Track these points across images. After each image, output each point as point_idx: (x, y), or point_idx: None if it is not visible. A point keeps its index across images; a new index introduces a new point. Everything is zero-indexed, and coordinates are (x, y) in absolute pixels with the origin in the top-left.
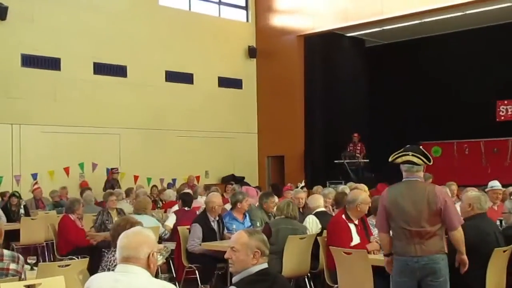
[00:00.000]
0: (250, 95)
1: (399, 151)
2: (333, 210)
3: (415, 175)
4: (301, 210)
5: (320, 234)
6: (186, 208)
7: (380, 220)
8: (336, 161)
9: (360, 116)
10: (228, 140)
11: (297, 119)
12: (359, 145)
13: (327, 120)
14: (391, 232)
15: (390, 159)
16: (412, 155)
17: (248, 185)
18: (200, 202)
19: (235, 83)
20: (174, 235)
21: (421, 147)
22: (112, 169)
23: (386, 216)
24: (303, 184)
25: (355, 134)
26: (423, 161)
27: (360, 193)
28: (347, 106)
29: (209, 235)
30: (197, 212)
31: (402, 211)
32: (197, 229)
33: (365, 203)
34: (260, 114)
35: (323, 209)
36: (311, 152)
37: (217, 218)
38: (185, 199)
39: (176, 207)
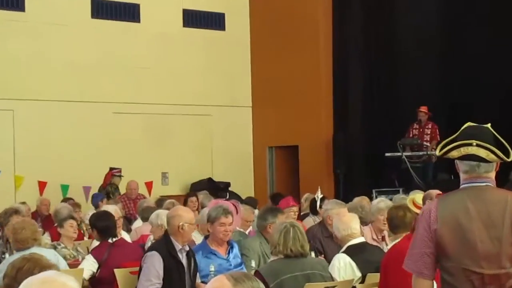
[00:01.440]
0: (239, 41)
1: (454, 137)
2: (382, 239)
3: (483, 178)
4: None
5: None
6: (110, 240)
7: (420, 255)
8: (388, 154)
9: (431, 84)
10: (201, 119)
11: (321, 85)
12: (430, 126)
13: (373, 89)
14: (443, 276)
15: (438, 152)
16: (478, 145)
17: (236, 197)
18: (143, 230)
19: (212, 21)
20: None
21: (491, 129)
22: (112, 169)
23: (435, 249)
24: (319, 193)
25: (422, 108)
26: (496, 155)
27: None
28: (409, 66)
29: (174, 273)
30: (146, 247)
31: (466, 241)
32: (156, 262)
33: None
34: (256, 76)
35: (360, 239)
36: (344, 140)
37: (186, 249)
38: (101, 225)
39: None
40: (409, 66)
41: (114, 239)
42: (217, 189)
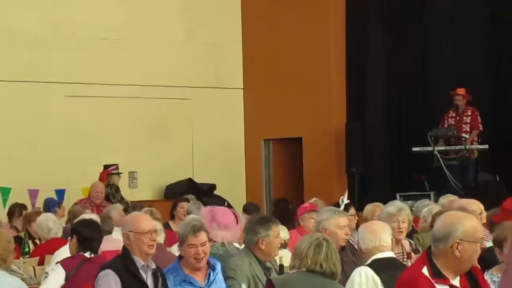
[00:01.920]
0: (227, 4)
1: None
2: (408, 257)
3: None
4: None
5: None
6: (88, 255)
7: None
8: (416, 149)
9: (472, 61)
10: (178, 105)
11: (331, 61)
12: (469, 113)
13: (400, 68)
14: None
15: None
16: None
17: (223, 202)
18: (117, 240)
19: None
20: None
21: None
22: (107, 167)
23: None
24: (346, 197)
25: (459, 90)
26: None
27: (465, 218)
28: (445, 38)
29: None
30: None
31: None
32: (111, 282)
33: (475, 241)
34: (248, 49)
35: (389, 253)
36: (360, 131)
37: (152, 266)
38: (86, 234)
39: (64, 252)
40: (445, 38)
41: (92, 255)
42: (199, 192)
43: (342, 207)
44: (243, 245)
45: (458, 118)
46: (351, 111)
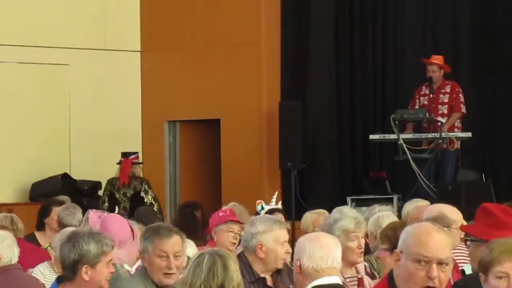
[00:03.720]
0: None
1: None
2: (359, 284)
3: None
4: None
5: None
6: None
7: None
8: (373, 137)
9: (455, 28)
10: (49, 72)
11: (261, 20)
12: (448, 89)
13: (353, 32)
14: None
15: None
16: None
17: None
18: None
19: None
20: None
21: None
22: (127, 155)
23: None
24: (275, 200)
25: (435, 59)
26: None
27: (423, 229)
28: None
29: None
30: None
31: None
32: None
33: (415, 259)
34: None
35: (336, 279)
36: (299, 113)
37: None
38: None
39: None
40: None
41: None
42: (78, 192)
43: (262, 213)
44: (135, 267)
45: (432, 96)
46: (287, 87)
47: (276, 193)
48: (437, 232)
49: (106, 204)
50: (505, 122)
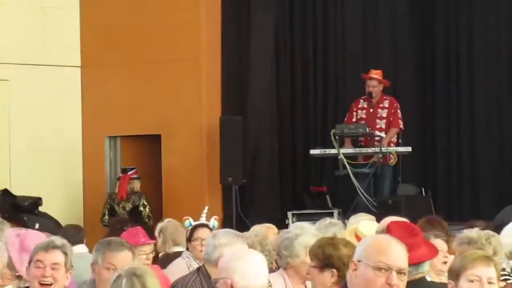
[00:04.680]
0: None
1: None
2: None
3: None
4: None
5: None
6: None
7: None
8: (314, 152)
9: (397, 39)
10: None
11: (201, 33)
12: (386, 104)
13: (294, 45)
14: None
15: None
16: None
17: (52, 222)
18: None
19: None
20: None
21: None
22: (126, 171)
23: None
24: (205, 214)
25: (373, 73)
26: None
27: (378, 238)
28: (358, 12)
29: None
30: None
31: None
32: None
33: (374, 266)
34: (87, 14)
35: None
36: (240, 127)
37: None
38: None
39: None
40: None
41: None
42: (18, 208)
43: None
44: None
45: (371, 110)
46: (228, 102)
47: (206, 208)
48: (395, 242)
49: (106, 217)
50: (445, 136)
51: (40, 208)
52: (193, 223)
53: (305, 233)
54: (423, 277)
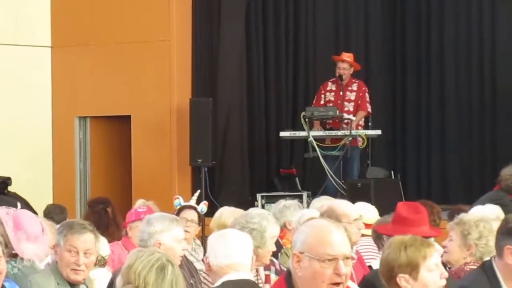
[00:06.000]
0: None
1: None
2: (266, 280)
3: None
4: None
5: None
6: None
7: None
8: (284, 134)
9: (366, 26)
10: None
11: (172, 18)
12: (354, 87)
13: (265, 28)
14: None
15: None
16: None
17: (23, 203)
18: None
19: None
20: None
21: None
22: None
23: None
24: (196, 197)
25: (345, 55)
26: None
27: (319, 226)
28: None
29: None
30: None
31: None
32: None
33: (318, 258)
34: None
35: (247, 274)
36: (210, 110)
37: None
38: None
39: None
40: None
41: None
42: None
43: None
44: (44, 263)
45: (341, 93)
46: (198, 84)
47: (198, 191)
48: (336, 228)
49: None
50: (414, 120)
51: (10, 188)
52: (183, 203)
53: (271, 224)
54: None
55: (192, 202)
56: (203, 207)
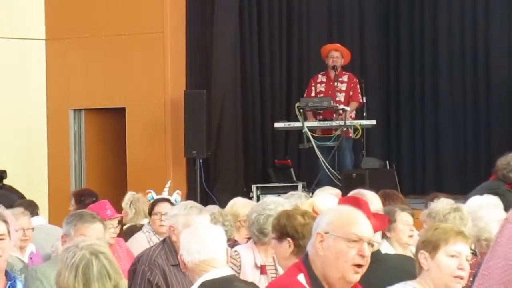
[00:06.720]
0: None
1: None
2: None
3: None
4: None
5: None
6: None
7: None
8: (278, 125)
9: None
10: None
11: (166, 11)
12: (345, 78)
13: (260, 20)
14: None
15: None
16: None
17: (18, 195)
18: None
19: None
20: None
21: None
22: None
23: None
24: (167, 188)
25: (336, 46)
26: None
27: (342, 210)
28: None
29: None
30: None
31: None
32: None
33: (345, 237)
34: None
35: (225, 270)
36: (205, 101)
37: None
38: None
39: None
40: None
41: None
42: None
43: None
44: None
45: (335, 84)
46: (192, 76)
47: (169, 182)
48: (362, 213)
49: None
50: (409, 110)
51: (5, 181)
52: (155, 197)
53: (271, 204)
54: (377, 250)
55: (165, 194)
56: (177, 197)
